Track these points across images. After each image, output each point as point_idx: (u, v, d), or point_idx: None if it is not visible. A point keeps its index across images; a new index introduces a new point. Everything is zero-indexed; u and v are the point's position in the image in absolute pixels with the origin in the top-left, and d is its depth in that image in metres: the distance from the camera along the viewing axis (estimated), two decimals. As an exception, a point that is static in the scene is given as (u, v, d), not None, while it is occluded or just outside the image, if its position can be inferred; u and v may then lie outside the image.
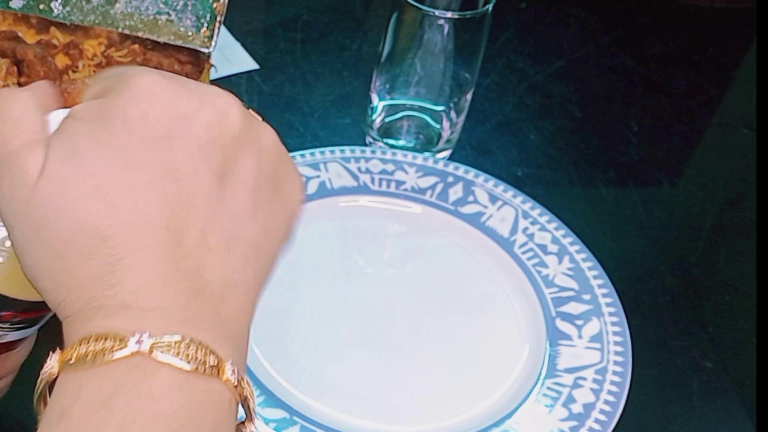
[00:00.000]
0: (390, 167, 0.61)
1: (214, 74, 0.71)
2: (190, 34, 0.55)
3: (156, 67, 0.56)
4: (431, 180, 0.61)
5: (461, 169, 0.61)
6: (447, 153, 0.65)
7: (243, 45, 0.76)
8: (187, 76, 0.57)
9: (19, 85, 0.55)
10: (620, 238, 0.62)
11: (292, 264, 0.55)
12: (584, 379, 0.49)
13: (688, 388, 0.52)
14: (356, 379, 0.49)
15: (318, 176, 0.60)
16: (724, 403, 0.52)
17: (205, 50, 0.56)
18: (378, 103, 0.64)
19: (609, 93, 0.77)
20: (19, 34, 0.58)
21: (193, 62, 0.57)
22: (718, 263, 0.61)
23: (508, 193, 0.59)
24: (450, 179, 0.61)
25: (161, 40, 0.56)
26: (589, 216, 0.63)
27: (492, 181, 0.60)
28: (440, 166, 0.61)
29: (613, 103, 0.76)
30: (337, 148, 0.61)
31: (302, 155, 0.61)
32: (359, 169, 0.61)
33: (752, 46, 0.86)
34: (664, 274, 0.60)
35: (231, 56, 0.74)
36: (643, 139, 0.72)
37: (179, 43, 0.56)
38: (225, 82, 0.71)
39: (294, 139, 0.67)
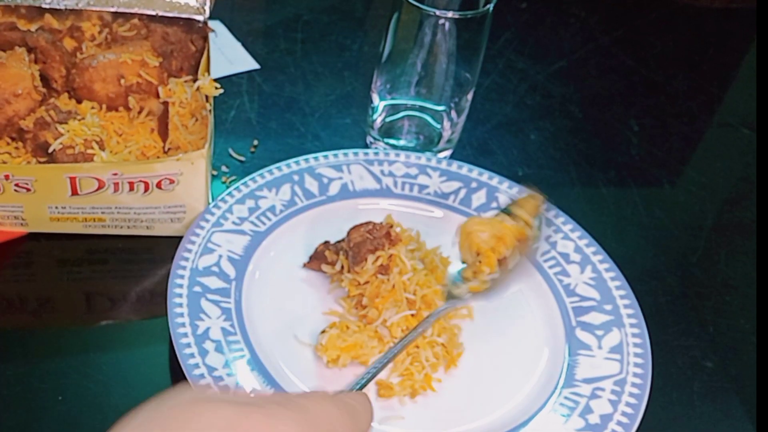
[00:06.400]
0: (413, 171, 0.60)
1: (216, 74, 0.71)
2: (182, 3, 0.55)
3: (163, 36, 0.56)
4: (455, 185, 0.60)
5: (485, 175, 0.60)
6: (447, 153, 0.66)
7: (244, 45, 0.76)
8: (191, 43, 0.56)
9: (40, 72, 0.55)
10: (620, 238, 0.62)
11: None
12: (602, 390, 0.48)
13: (688, 388, 0.52)
14: (373, 382, 0.48)
15: (340, 178, 0.59)
16: (724, 403, 0.52)
17: (200, 17, 0.56)
18: (378, 103, 0.64)
19: (609, 93, 0.77)
20: (18, 25, 0.58)
21: (191, 30, 0.57)
22: (718, 263, 0.61)
23: None
24: (474, 185, 0.60)
25: (156, 13, 0.55)
26: (590, 216, 0.63)
27: (516, 188, 0.59)
28: (464, 171, 0.60)
29: (613, 103, 0.76)
30: (360, 151, 0.61)
31: (325, 156, 0.60)
32: (382, 172, 0.60)
33: (752, 46, 0.87)
34: (664, 274, 0.60)
35: (232, 56, 0.74)
36: (643, 139, 0.72)
37: (174, 14, 0.55)
38: (226, 82, 0.71)
39: (294, 139, 0.67)
